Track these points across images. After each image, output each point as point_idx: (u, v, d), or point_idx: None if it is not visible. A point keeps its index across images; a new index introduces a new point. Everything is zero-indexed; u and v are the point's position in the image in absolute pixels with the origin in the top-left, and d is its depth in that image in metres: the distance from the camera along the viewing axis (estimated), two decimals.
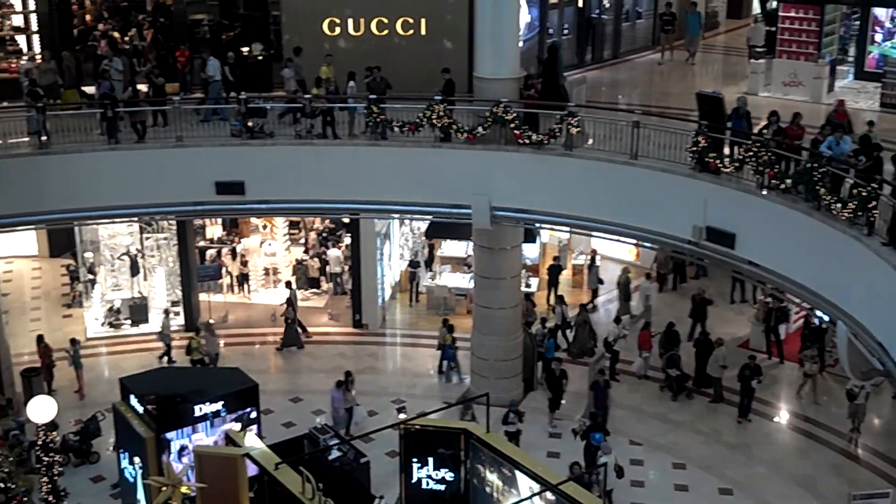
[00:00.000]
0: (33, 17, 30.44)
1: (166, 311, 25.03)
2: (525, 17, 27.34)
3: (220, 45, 29.23)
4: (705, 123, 19.12)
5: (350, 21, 26.80)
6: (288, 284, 26.40)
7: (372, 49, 26.18)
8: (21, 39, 31.30)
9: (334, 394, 21.47)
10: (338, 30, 26.97)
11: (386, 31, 26.73)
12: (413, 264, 28.29)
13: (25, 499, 12.43)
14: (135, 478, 17.34)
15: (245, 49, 29.34)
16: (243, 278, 27.80)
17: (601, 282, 27.37)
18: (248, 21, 30.01)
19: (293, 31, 27.48)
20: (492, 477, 15.61)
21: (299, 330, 25.65)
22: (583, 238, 27.11)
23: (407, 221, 28.35)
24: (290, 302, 25.57)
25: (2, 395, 19.78)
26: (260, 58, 29.19)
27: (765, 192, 18.11)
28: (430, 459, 16.15)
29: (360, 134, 22.62)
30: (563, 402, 22.25)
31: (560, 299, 25.85)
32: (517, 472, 15.05)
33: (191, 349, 23.43)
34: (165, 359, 24.31)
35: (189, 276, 26.15)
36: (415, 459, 16.24)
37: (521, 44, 23.37)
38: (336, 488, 15.38)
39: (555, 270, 27.10)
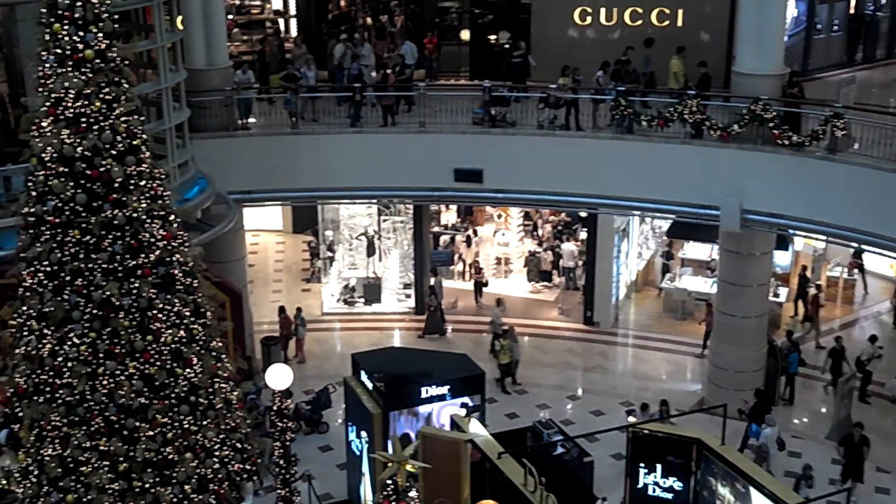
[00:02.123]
0: (292, 1, 32.16)
1: (498, 301, 25.05)
2: (792, 10, 26.18)
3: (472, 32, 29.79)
4: None
5: (602, 10, 26.61)
6: (433, 272, 26.54)
7: (623, 40, 25.86)
8: (279, 22, 33.11)
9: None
10: (589, 19, 26.84)
11: (640, 22, 26.34)
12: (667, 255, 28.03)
13: (259, 460, 13.01)
14: (361, 451, 17.92)
15: (492, 37, 29.71)
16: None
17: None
18: (497, 9, 30.33)
19: (543, 19, 27.55)
20: (724, 491, 15.09)
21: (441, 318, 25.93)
22: (840, 249, 25.73)
23: (648, 220, 27.83)
24: (434, 289, 25.90)
25: (243, 360, 20.94)
26: (507, 46, 29.46)
27: None
28: (659, 466, 15.81)
29: (604, 127, 22.40)
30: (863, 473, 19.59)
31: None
32: (751, 489, 14.48)
33: (496, 351, 23.33)
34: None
35: (422, 261, 26.76)
36: (642, 464, 15.94)
37: (785, 38, 22.38)
38: (558, 484, 15.27)
39: (803, 281, 25.88)
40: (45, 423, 11.27)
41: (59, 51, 10.97)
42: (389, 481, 10.59)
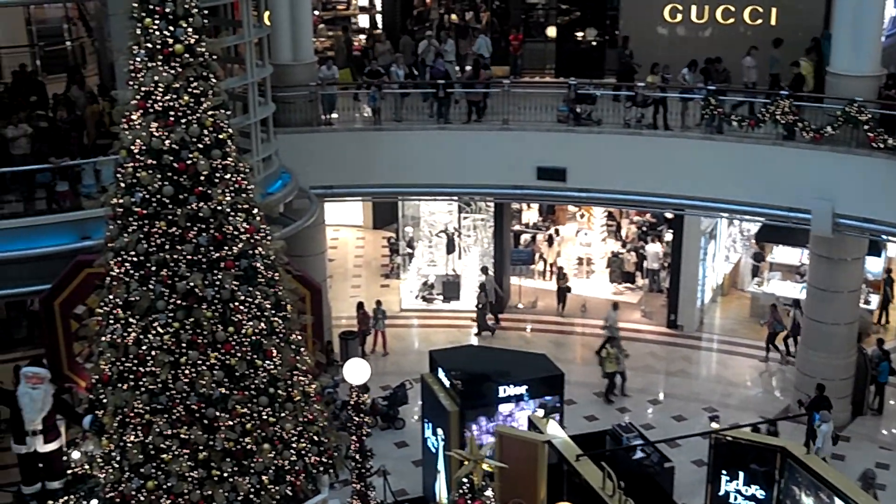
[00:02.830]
0: None
1: (615, 305, 24.68)
2: (890, 10, 25.52)
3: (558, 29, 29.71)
4: None
5: (693, 8, 26.30)
6: (484, 270, 26.49)
7: (713, 38, 25.54)
8: (363, 19, 33.49)
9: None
10: (679, 16, 26.55)
11: (731, 20, 25.99)
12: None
13: (336, 454, 13.20)
14: (437, 448, 18.04)
15: (579, 34, 29.61)
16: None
17: None
18: (585, 6, 30.21)
19: (631, 16, 27.35)
20: (808, 501, 14.82)
21: (490, 315, 25.90)
22: None
23: (736, 222, 27.44)
24: (483, 287, 25.81)
25: (322, 353, 21.21)
26: (594, 43, 29.35)
27: None
28: (741, 474, 15.59)
29: (693, 126, 22.15)
30: None
31: (797, 303, 24.40)
32: (836, 500, 14.19)
33: (602, 360, 22.97)
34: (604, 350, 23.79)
35: (502, 259, 26.80)
36: (724, 472, 15.74)
37: (882, 39, 21.86)
38: (637, 489, 15.16)
39: (889, 285, 25.32)
40: (128, 409, 11.57)
41: (149, 45, 11.25)
42: (465, 479, 10.63)
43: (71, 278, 14.29)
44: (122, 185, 11.54)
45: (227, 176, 11.65)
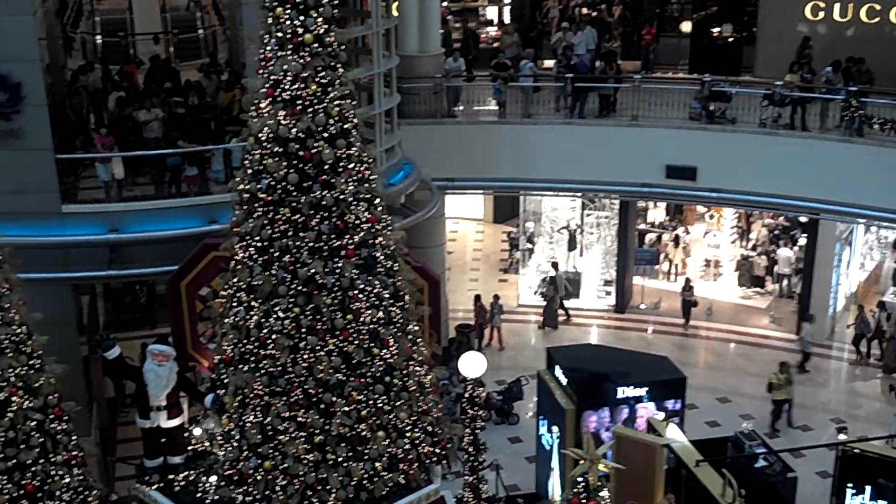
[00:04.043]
0: None
1: (809, 318, 24.00)
2: None
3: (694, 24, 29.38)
4: None
5: (837, 6, 25.69)
6: (555, 266, 26.49)
7: (856, 37, 24.85)
8: (491, 10, 33.67)
9: None
10: (821, 14, 25.97)
11: (877, 19, 25.26)
12: None
13: (450, 445, 13.42)
14: (551, 446, 18.13)
15: (715, 30, 29.20)
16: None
17: None
18: (722, 1, 29.75)
19: (771, 13, 26.84)
20: None
21: (559, 311, 25.85)
22: None
23: (873, 228, 26.63)
24: (553, 281, 25.92)
25: (438, 345, 21.50)
26: (730, 39, 28.90)
27: None
28: (868, 488, 15.26)
29: (832, 128, 21.64)
30: None
31: (881, 305, 23.85)
32: None
33: (771, 387, 21.58)
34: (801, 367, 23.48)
35: (625, 258, 26.64)
36: (850, 485, 15.41)
37: None
38: (758, 498, 15.02)
39: None
40: (248, 390, 12.02)
41: (280, 34, 11.60)
42: (580, 479, 10.70)
43: (197, 261, 14.87)
44: (249, 171, 11.95)
45: (351, 165, 11.93)
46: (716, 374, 23.80)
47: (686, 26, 30.55)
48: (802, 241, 26.32)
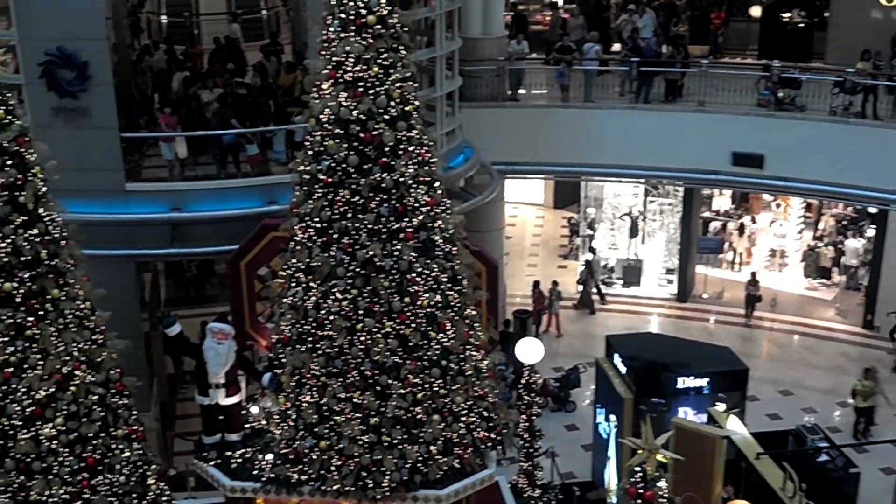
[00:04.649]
0: None
1: None
2: None
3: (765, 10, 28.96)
4: None
5: None
6: (592, 250, 26.48)
7: None
8: None
9: None
10: None
11: None
12: None
13: (505, 431, 13.46)
14: (608, 434, 18.11)
15: (785, 15, 28.79)
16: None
17: None
18: None
19: None
20: None
21: (594, 296, 26.02)
22: None
23: None
24: (588, 264, 26.11)
25: (495, 330, 21.55)
26: (801, 25, 28.47)
27: None
28: None
29: None
30: None
31: None
32: None
33: (854, 393, 20.96)
34: None
35: (689, 246, 26.44)
36: None
37: None
38: (819, 493, 14.86)
39: None
40: (304, 370, 12.17)
41: (343, 16, 11.66)
42: (638, 468, 10.68)
43: (257, 241, 15.02)
44: (310, 152, 12.06)
45: (411, 148, 11.97)
46: (779, 367, 23.56)
47: (756, 11, 30.13)
48: (871, 232, 25.89)
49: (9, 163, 10.59)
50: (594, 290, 26.19)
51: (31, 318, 10.84)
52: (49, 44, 16.95)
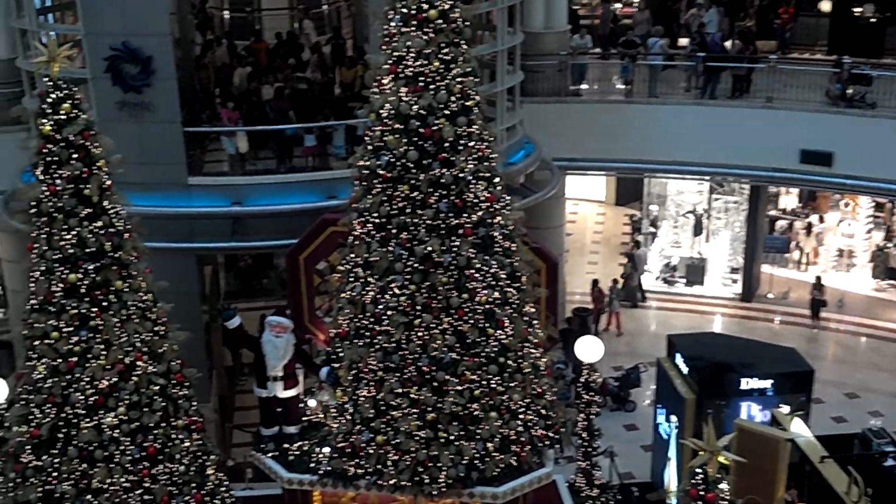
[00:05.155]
0: None
1: None
2: None
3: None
4: None
5: None
6: (637, 244, 26.39)
7: None
8: None
9: None
10: None
11: None
12: None
13: (563, 429, 13.47)
14: (669, 435, 18.01)
15: (857, 9, 28.33)
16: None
17: None
18: None
19: None
20: None
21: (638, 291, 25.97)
22: None
23: None
24: (632, 258, 25.95)
25: (554, 328, 21.52)
26: (872, 20, 28.00)
27: None
28: None
29: None
30: None
31: None
32: None
33: None
34: None
35: (754, 245, 26.14)
36: None
37: None
38: (885, 498, 14.65)
39: None
40: (362, 365, 12.29)
41: (404, 10, 11.76)
42: (699, 470, 10.63)
43: (316, 235, 15.21)
44: (370, 147, 12.17)
45: (471, 143, 12.03)
46: (845, 369, 23.21)
47: (825, 5, 29.67)
48: None
49: (75, 156, 10.87)
50: (636, 284, 26.05)
51: (94, 309, 11.12)
52: (114, 39, 17.30)
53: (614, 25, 27.59)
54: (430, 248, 11.93)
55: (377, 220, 12.15)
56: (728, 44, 25.22)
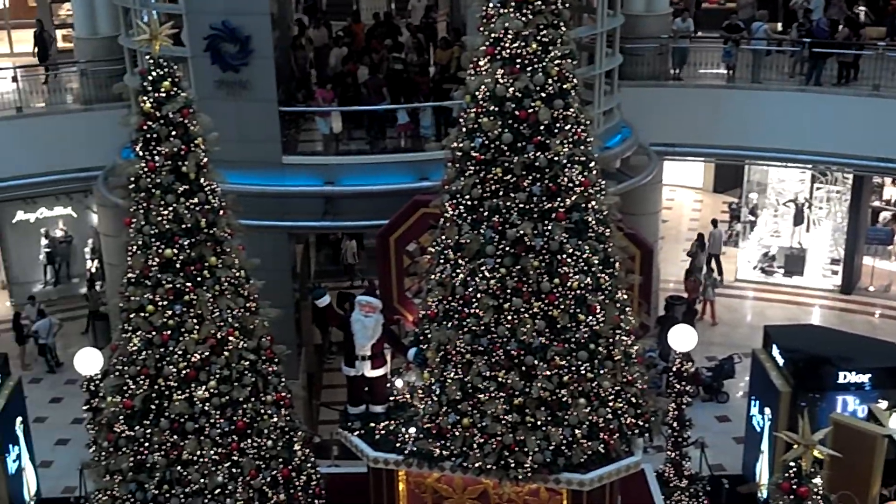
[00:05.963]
0: None
1: None
2: None
3: None
4: None
5: None
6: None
7: None
8: None
9: None
10: None
11: None
12: None
13: (654, 418, 13.30)
14: (762, 428, 17.71)
15: None
16: None
17: None
18: None
19: None
20: None
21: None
22: None
23: None
24: (701, 237, 25.80)
25: (647, 315, 21.30)
26: None
27: None
28: None
29: None
30: None
31: None
32: None
33: None
34: None
35: (856, 236, 25.52)
36: None
37: None
38: None
39: None
40: (450, 347, 12.30)
41: None
42: (793, 464, 10.44)
43: (407, 216, 15.29)
44: (464, 129, 12.14)
45: (567, 127, 11.91)
46: None
47: None
48: None
49: (173, 133, 11.09)
50: (704, 265, 25.60)
51: (189, 284, 11.35)
52: (214, 17, 17.58)
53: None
54: (521, 232, 11.86)
55: (469, 203, 12.12)
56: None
